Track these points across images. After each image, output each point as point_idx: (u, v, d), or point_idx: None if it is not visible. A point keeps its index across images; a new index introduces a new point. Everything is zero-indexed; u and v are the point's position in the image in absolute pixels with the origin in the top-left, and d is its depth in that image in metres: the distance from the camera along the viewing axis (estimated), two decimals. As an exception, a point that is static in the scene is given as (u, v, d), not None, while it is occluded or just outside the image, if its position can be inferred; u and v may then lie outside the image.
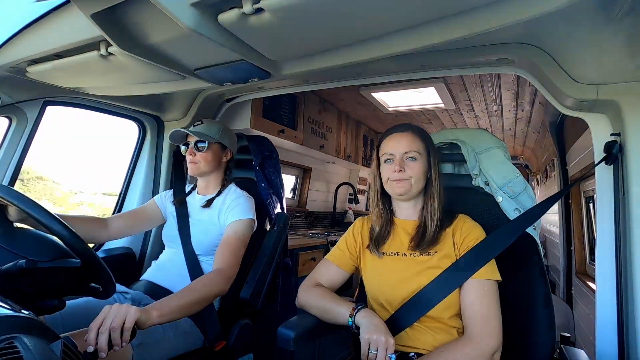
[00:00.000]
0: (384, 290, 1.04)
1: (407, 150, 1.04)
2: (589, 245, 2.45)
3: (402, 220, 1.10)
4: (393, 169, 1.04)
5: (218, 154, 1.44)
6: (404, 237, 1.07)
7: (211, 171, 1.45)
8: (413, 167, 1.03)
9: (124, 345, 0.84)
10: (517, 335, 0.98)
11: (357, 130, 3.75)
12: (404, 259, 1.04)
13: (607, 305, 1.04)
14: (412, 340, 0.99)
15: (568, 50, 0.96)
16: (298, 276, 2.39)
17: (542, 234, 4.29)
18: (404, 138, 1.06)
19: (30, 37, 1.04)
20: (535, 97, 2.50)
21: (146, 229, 1.57)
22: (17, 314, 0.55)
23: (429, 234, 1.02)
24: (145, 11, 0.83)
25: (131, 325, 0.85)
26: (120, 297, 1.33)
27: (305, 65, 1.05)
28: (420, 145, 1.06)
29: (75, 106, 1.57)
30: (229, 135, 1.49)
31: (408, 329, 0.98)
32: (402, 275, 1.02)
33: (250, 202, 1.40)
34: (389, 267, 1.05)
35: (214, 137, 1.42)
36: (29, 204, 0.86)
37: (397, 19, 0.77)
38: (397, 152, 1.05)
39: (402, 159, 1.04)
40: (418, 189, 1.05)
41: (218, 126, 1.46)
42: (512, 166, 1.11)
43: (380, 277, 1.06)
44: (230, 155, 1.49)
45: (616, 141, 1.01)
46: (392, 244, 1.08)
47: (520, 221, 1.01)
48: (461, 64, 1.23)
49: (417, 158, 1.04)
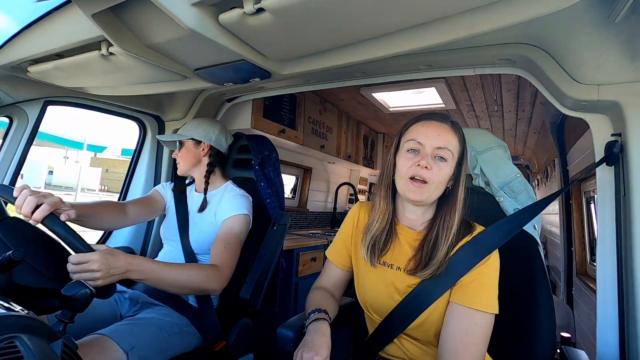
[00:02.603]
0: (373, 300, 0.97)
1: (441, 145, 0.86)
2: (589, 245, 2.45)
3: (405, 228, 0.96)
4: (417, 162, 0.85)
5: (192, 150, 1.45)
6: (404, 250, 0.94)
7: (191, 168, 1.46)
8: (439, 170, 0.86)
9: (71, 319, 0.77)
10: (518, 335, 0.98)
11: (358, 131, 3.75)
12: (398, 274, 0.92)
13: (608, 306, 1.04)
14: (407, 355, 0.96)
15: (569, 50, 0.95)
16: (298, 276, 2.39)
17: (543, 235, 4.29)
18: (441, 129, 0.87)
19: (31, 37, 1.04)
20: (536, 97, 2.50)
21: (156, 216, 1.59)
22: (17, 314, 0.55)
23: (437, 258, 0.86)
24: (146, 11, 0.83)
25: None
26: (120, 296, 1.33)
27: (306, 65, 1.05)
28: (456, 144, 0.88)
29: (76, 106, 1.57)
30: (202, 129, 1.47)
31: (402, 342, 0.96)
32: (393, 287, 0.93)
33: (247, 199, 1.40)
34: (381, 278, 0.95)
35: (181, 134, 1.45)
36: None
37: (397, 19, 0.77)
38: (428, 142, 0.86)
39: (432, 154, 0.86)
40: (435, 197, 0.89)
41: (191, 124, 1.49)
42: (512, 166, 1.11)
43: (370, 286, 0.97)
44: (208, 148, 1.46)
45: (617, 141, 1.01)
46: (388, 254, 0.95)
47: (517, 219, 0.94)
48: (462, 64, 1.23)
49: (448, 159, 0.87)
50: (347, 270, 1.09)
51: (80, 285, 0.75)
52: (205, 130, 1.47)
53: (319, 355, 0.81)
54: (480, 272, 0.86)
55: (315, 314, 0.94)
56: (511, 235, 0.91)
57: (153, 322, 1.15)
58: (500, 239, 0.89)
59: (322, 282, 1.12)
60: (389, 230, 0.95)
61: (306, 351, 0.82)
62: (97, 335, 1.00)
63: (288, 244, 2.29)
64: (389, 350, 0.99)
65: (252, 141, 1.58)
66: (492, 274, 0.87)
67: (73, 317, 0.73)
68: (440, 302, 0.87)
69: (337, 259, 1.09)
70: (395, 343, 0.96)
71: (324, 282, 1.11)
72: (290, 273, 2.34)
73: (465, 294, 0.85)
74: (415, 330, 0.92)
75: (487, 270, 0.86)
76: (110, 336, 0.99)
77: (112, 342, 0.98)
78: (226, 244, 1.26)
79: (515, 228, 0.92)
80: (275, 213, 1.52)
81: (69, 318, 0.74)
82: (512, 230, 0.92)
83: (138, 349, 1.02)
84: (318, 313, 0.94)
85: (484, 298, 0.83)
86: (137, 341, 1.04)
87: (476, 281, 0.85)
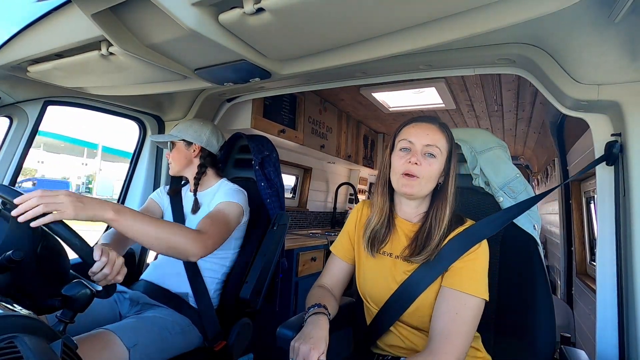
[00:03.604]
0: (372, 288, 1.02)
1: (430, 143, 0.94)
2: (589, 245, 2.45)
3: (402, 220, 1.03)
4: (408, 159, 0.94)
5: (183, 151, 1.44)
6: (401, 240, 1.01)
7: (182, 168, 1.45)
8: (428, 165, 0.94)
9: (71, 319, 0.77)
10: (517, 335, 0.98)
11: (358, 130, 3.75)
12: (396, 261, 0.99)
13: (608, 306, 1.04)
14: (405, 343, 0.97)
15: (569, 50, 0.95)
16: (298, 276, 2.39)
17: (543, 235, 4.29)
18: (430, 130, 0.96)
19: (31, 36, 1.04)
20: (536, 97, 2.50)
21: None
22: (17, 314, 0.55)
23: (430, 246, 0.93)
24: (146, 11, 0.83)
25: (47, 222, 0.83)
26: (120, 296, 1.33)
27: (306, 65, 1.05)
28: (444, 143, 0.97)
29: (76, 106, 1.57)
30: (194, 130, 1.45)
31: (399, 331, 0.98)
32: (390, 275, 0.98)
33: (241, 192, 1.38)
34: (379, 267, 1.01)
35: (172, 135, 1.44)
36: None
37: (397, 19, 0.77)
38: (417, 141, 0.95)
39: (421, 152, 0.95)
40: (427, 191, 0.97)
41: (183, 124, 1.47)
42: (512, 166, 1.11)
43: (369, 275, 1.03)
44: (199, 149, 1.45)
45: (617, 141, 1.01)
46: (387, 245, 1.02)
47: (508, 213, 0.98)
48: (462, 64, 1.23)
49: (437, 156, 0.95)
50: (349, 264, 1.12)
51: (81, 285, 0.75)
52: (197, 132, 1.45)
53: (317, 348, 0.80)
54: (471, 259, 0.91)
55: (315, 308, 0.96)
56: (502, 227, 0.95)
57: (156, 321, 1.16)
58: (491, 231, 0.94)
59: (323, 281, 1.13)
60: (387, 223, 1.02)
61: (303, 343, 0.81)
62: (101, 330, 1.01)
63: (288, 244, 2.29)
64: (388, 340, 1.00)
65: (253, 141, 1.58)
66: (481, 261, 0.92)
67: (73, 317, 0.74)
68: (432, 287, 0.92)
69: (342, 251, 1.13)
70: (393, 332, 0.99)
71: (325, 280, 1.13)
72: (290, 273, 2.34)
73: (456, 279, 0.90)
74: (411, 317, 0.95)
75: (476, 258, 0.92)
76: (114, 331, 1.01)
77: (116, 338, 1.00)
78: (213, 219, 1.21)
79: (506, 221, 0.97)
80: (276, 213, 1.52)
81: (69, 318, 0.74)
82: (502, 223, 0.96)
83: (140, 346, 1.03)
84: (318, 308, 0.96)
85: (474, 283, 0.88)
86: (140, 338, 1.05)
87: (466, 267, 0.91)
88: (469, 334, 0.85)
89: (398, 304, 0.95)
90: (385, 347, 1.02)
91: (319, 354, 0.80)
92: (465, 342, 0.84)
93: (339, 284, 1.12)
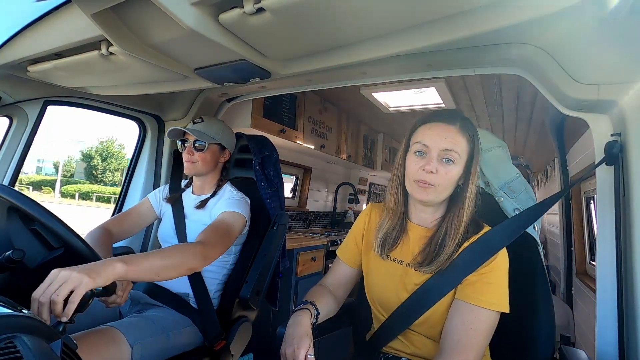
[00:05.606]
0: (380, 295, 0.99)
1: (448, 147, 0.86)
2: (589, 245, 2.45)
3: (415, 225, 0.97)
4: (423, 165, 0.86)
5: (216, 155, 1.43)
6: (412, 246, 0.95)
7: (208, 172, 1.43)
8: (445, 172, 0.86)
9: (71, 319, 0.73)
10: (517, 335, 0.98)
11: (358, 130, 3.75)
12: (407, 270, 0.94)
13: (608, 306, 1.04)
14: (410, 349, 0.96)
15: (569, 50, 0.95)
16: (298, 276, 2.39)
17: (543, 235, 4.29)
18: (448, 132, 0.87)
19: (31, 36, 1.04)
20: (536, 97, 2.50)
21: (143, 228, 1.55)
22: (17, 314, 0.55)
23: (443, 256, 0.87)
24: (146, 11, 0.83)
25: (78, 299, 0.72)
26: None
27: (306, 65, 1.05)
28: (465, 147, 0.88)
29: (76, 106, 1.57)
30: (228, 135, 1.47)
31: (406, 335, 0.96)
32: (400, 283, 0.95)
33: (244, 202, 1.37)
34: (389, 273, 0.97)
35: (213, 137, 1.40)
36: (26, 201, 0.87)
37: (397, 19, 0.77)
38: (434, 146, 0.86)
39: (438, 157, 0.86)
40: (444, 197, 0.90)
41: (218, 126, 1.44)
42: (512, 166, 1.10)
43: (378, 281, 0.99)
44: (228, 155, 1.48)
45: (617, 141, 1.01)
46: (397, 250, 0.97)
47: (519, 221, 0.94)
48: (462, 64, 1.23)
49: (456, 162, 0.87)
50: (354, 268, 1.09)
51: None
52: (231, 138, 1.49)
53: (301, 347, 0.79)
54: (487, 272, 0.86)
55: (300, 305, 0.94)
56: (516, 236, 0.91)
57: (157, 320, 1.16)
58: (507, 239, 0.89)
59: (325, 281, 1.12)
60: (400, 228, 0.97)
61: (288, 347, 0.80)
62: (107, 326, 1.02)
63: (288, 244, 2.29)
64: (393, 345, 0.99)
65: (253, 141, 1.58)
66: (499, 273, 0.87)
67: (73, 317, 0.73)
68: (445, 299, 0.88)
69: (347, 256, 1.10)
70: (399, 338, 0.97)
71: (328, 281, 1.11)
72: (290, 273, 2.34)
73: (471, 292, 0.85)
74: (420, 326, 0.93)
75: (494, 270, 0.86)
76: (119, 328, 1.02)
77: (120, 334, 1.01)
78: (215, 229, 1.21)
79: (520, 228, 0.92)
80: (276, 213, 1.52)
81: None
82: (517, 230, 0.92)
83: (142, 345, 1.04)
84: (302, 305, 0.94)
85: (490, 296, 0.84)
86: (143, 337, 1.06)
87: (482, 280, 0.86)
88: (482, 347, 0.82)
89: (408, 313, 0.92)
90: (389, 350, 1.00)
91: (305, 350, 0.79)
92: (479, 355, 0.81)
93: (342, 286, 1.10)
